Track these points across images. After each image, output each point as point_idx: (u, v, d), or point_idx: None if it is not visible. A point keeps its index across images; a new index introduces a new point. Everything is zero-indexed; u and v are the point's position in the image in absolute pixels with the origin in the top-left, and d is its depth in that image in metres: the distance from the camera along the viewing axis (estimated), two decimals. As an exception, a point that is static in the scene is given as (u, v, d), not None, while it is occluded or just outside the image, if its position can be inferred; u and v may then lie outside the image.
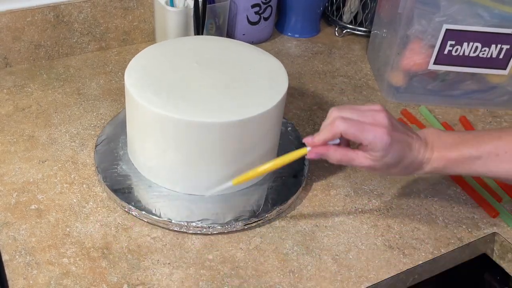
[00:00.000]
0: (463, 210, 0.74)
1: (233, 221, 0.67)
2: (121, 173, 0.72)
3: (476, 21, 0.83)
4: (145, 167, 0.71)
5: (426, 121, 0.90)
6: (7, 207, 0.68)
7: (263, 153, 0.70)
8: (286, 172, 0.74)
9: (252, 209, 0.69)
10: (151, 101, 0.65)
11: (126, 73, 0.69)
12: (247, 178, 0.63)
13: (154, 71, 0.70)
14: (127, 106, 0.70)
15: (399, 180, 0.78)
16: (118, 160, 0.74)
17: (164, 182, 0.70)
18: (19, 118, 0.83)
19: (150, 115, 0.65)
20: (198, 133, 0.64)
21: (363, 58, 1.07)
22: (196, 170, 0.68)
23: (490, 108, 0.94)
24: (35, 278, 0.60)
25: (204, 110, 0.64)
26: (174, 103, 0.65)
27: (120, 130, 0.79)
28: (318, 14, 1.12)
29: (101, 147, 0.76)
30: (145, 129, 0.67)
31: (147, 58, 0.72)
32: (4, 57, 0.92)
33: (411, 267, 0.66)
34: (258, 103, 0.66)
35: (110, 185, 0.70)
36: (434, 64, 0.88)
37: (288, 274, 0.64)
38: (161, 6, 0.93)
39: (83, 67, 0.96)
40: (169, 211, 0.67)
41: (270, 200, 0.70)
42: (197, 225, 0.66)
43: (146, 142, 0.69)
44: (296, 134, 0.81)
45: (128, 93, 0.67)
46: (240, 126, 0.64)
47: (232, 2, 0.99)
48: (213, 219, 0.67)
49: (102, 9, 0.95)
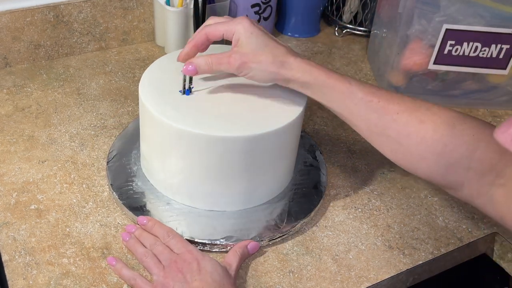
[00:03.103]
0: (463, 210, 0.74)
1: (257, 238, 0.65)
2: (137, 190, 0.70)
3: (476, 21, 0.83)
4: (164, 184, 0.69)
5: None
6: (7, 207, 0.68)
7: (284, 165, 0.69)
8: (306, 183, 0.73)
9: (276, 223, 0.67)
10: (172, 118, 0.62)
11: (141, 87, 0.66)
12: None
13: (168, 85, 0.66)
14: (143, 122, 0.68)
15: (399, 180, 0.78)
16: (132, 176, 0.72)
17: (184, 199, 0.68)
18: (19, 118, 0.83)
19: (172, 131, 0.62)
20: (222, 148, 0.62)
21: (363, 58, 1.06)
22: (218, 185, 0.65)
23: (490, 108, 0.94)
24: (35, 278, 0.60)
25: (227, 124, 0.62)
26: (195, 117, 0.62)
27: (131, 144, 0.76)
28: (318, 14, 1.12)
29: (113, 163, 0.73)
30: (166, 146, 0.64)
31: (159, 71, 0.69)
32: (4, 57, 0.92)
33: (411, 267, 0.66)
34: (281, 115, 0.64)
35: (126, 203, 0.68)
36: (434, 64, 0.88)
37: (288, 274, 0.64)
38: (161, 6, 0.93)
39: (83, 67, 0.96)
40: (192, 229, 0.65)
41: (293, 213, 0.68)
42: (221, 243, 0.64)
43: (167, 159, 0.66)
44: (311, 143, 0.81)
45: (145, 109, 0.64)
46: (264, 139, 0.62)
47: (232, 2, 0.99)
48: (237, 236, 0.65)
49: (102, 9, 0.95)
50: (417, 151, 0.59)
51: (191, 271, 0.59)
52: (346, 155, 0.82)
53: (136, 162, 0.74)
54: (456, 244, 0.69)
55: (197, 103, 0.64)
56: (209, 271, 0.59)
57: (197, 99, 0.65)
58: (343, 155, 0.81)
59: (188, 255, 0.61)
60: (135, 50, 1.01)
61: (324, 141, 0.84)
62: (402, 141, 0.59)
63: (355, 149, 0.83)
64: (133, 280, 0.60)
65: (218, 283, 0.58)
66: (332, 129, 0.86)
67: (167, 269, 0.60)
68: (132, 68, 0.96)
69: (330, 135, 0.85)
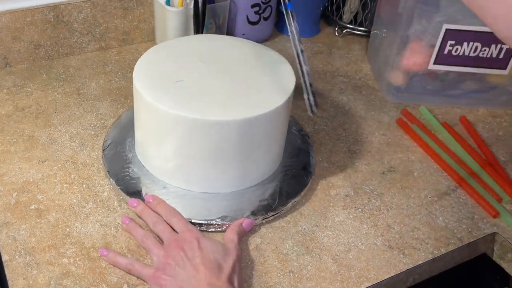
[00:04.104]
0: (463, 210, 0.74)
1: (251, 216, 0.68)
2: (133, 176, 0.72)
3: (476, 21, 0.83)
4: (159, 168, 0.71)
5: (426, 121, 0.90)
6: (7, 207, 0.68)
7: (275, 148, 0.72)
8: (295, 165, 0.76)
9: (268, 203, 0.70)
10: (166, 103, 0.64)
11: (135, 76, 0.68)
12: None
13: (162, 73, 0.69)
14: (137, 109, 0.70)
15: (399, 180, 0.78)
16: (128, 163, 0.74)
17: (179, 183, 0.70)
18: (19, 118, 0.83)
19: (167, 117, 0.64)
20: (216, 132, 0.64)
21: (363, 58, 1.06)
22: (212, 169, 0.68)
23: (490, 108, 0.94)
24: (35, 278, 0.60)
25: (220, 108, 0.65)
26: (189, 103, 0.65)
27: (125, 132, 0.78)
28: (318, 14, 1.12)
29: (109, 151, 0.75)
30: (160, 131, 0.67)
31: (153, 59, 0.72)
32: (4, 57, 0.92)
33: (411, 267, 0.66)
34: (271, 98, 0.67)
35: (124, 189, 0.70)
36: (434, 64, 0.88)
37: (288, 274, 0.64)
38: (161, 6, 0.93)
39: (83, 67, 0.96)
40: (188, 210, 0.67)
41: (284, 193, 0.71)
42: (217, 222, 0.67)
43: (162, 145, 0.68)
44: (298, 128, 0.83)
45: (139, 96, 0.67)
46: (257, 122, 0.65)
47: (232, 2, 0.99)
48: (232, 216, 0.68)
49: (102, 9, 0.95)
50: None
51: (192, 249, 0.59)
52: (346, 155, 0.82)
53: (131, 150, 0.76)
54: (456, 244, 0.69)
55: (190, 89, 0.67)
56: (209, 248, 0.60)
57: (190, 86, 0.68)
58: (343, 155, 0.81)
59: (188, 233, 0.62)
60: (135, 50, 1.01)
61: (324, 141, 0.84)
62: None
63: (355, 149, 0.83)
64: (130, 265, 0.61)
65: (219, 260, 0.59)
66: (332, 129, 0.86)
67: (167, 248, 0.61)
68: (132, 68, 0.95)
69: (330, 135, 0.85)
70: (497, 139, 0.88)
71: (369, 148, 0.83)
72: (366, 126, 0.88)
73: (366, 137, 0.86)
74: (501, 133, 0.89)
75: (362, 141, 0.85)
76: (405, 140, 0.86)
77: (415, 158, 0.82)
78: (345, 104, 0.93)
